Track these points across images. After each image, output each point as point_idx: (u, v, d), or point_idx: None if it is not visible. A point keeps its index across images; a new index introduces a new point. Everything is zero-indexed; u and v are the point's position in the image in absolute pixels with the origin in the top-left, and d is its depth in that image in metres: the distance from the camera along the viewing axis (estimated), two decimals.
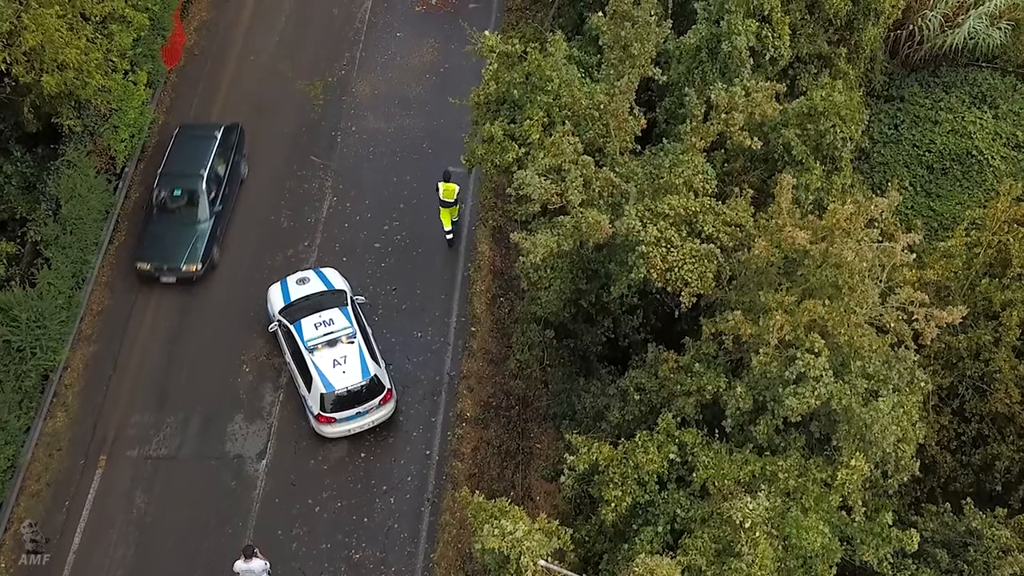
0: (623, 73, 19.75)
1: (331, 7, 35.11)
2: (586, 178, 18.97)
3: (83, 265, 27.67)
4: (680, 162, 19.46)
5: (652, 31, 19.79)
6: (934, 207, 29.19)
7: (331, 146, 31.66)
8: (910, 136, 30.48)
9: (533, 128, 21.90)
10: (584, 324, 22.82)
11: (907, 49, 31.84)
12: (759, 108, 19.90)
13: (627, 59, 19.77)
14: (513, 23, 34.34)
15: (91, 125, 28.84)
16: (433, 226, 29.63)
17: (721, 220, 18.88)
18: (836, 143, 22.22)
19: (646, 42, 19.64)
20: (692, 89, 20.39)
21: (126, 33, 28.67)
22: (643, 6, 19.96)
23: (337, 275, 27.74)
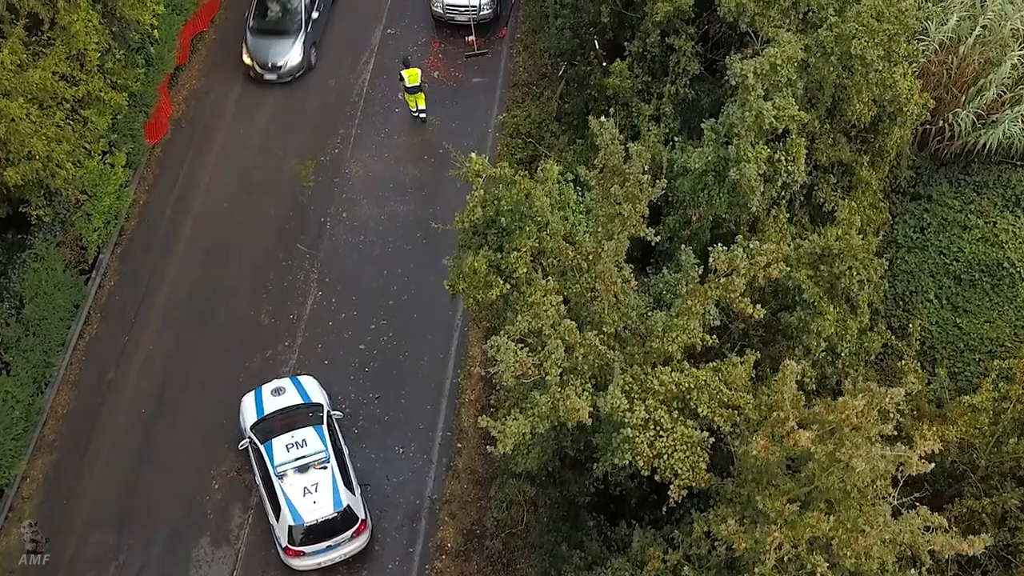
0: (612, 233, 17.84)
1: (327, 78, 33.37)
2: (568, 344, 17.08)
3: (46, 368, 26.07)
4: (674, 326, 17.54)
5: (645, 190, 17.87)
6: (960, 324, 27.04)
7: (319, 233, 29.90)
8: (937, 242, 28.33)
9: (520, 261, 20.04)
10: (571, 471, 20.94)
11: (936, 143, 29.71)
12: (763, 272, 17.93)
13: (617, 218, 17.85)
14: (518, 100, 32.58)
15: (63, 213, 27.27)
16: (423, 327, 27.84)
17: (717, 400, 16.95)
18: (852, 286, 20.23)
19: (638, 203, 17.73)
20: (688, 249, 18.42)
21: (101, 117, 27.08)
22: (634, 163, 18.03)
23: (315, 385, 25.99)
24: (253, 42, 32.91)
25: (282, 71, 32.70)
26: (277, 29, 32.98)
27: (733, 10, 24.07)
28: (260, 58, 32.69)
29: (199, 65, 33.64)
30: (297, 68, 32.85)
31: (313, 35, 33.34)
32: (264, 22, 33.26)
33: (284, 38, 32.83)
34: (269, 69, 32.69)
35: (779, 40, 21.86)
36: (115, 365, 27.37)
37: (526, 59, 33.67)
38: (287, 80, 32.81)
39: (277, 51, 32.73)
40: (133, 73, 28.46)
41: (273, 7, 33.42)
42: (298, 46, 32.78)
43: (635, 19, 27.12)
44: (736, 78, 21.06)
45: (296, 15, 33.09)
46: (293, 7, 33.20)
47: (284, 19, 33.16)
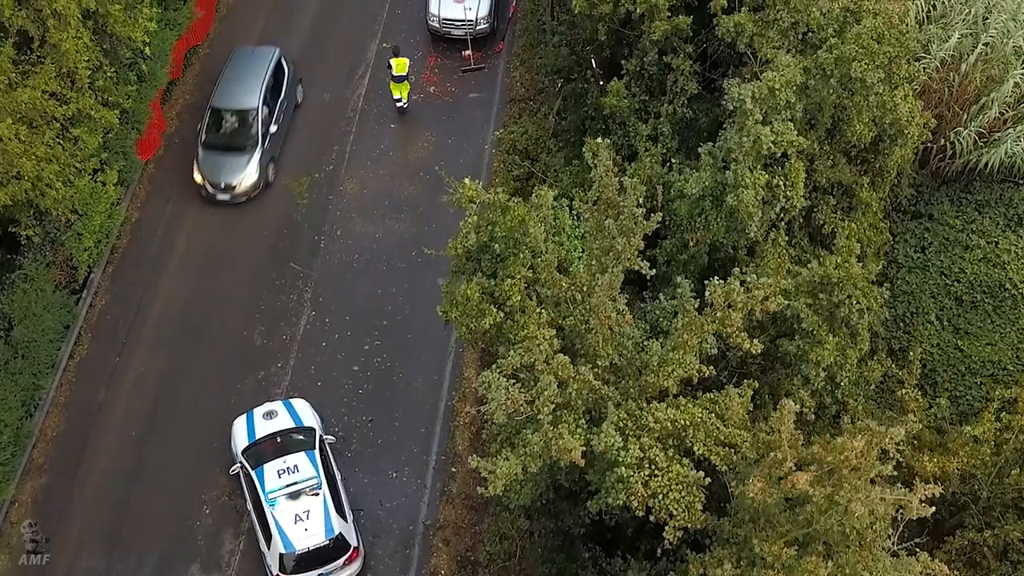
0: (606, 267, 17.48)
1: (322, 92, 33.01)
2: (562, 379, 16.73)
3: (35, 391, 25.71)
4: (670, 360, 17.19)
5: (639, 223, 17.52)
6: (962, 346, 26.67)
7: (313, 252, 29.56)
8: (938, 262, 27.98)
9: (514, 289, 19.67)
10: (566, 501, 20.58)
11: (937, 161, 29.36)
12: (760, 305, 17.58)
13: (611, 251, 17.49)
14: (515, 116, 32.24)
15: (52, 233, 26.94)
16: (417, 348, 27.50)
17: (713, 438, 16.59)
18: (851, 315, 19.86)
19: (632, 236, 17.38)
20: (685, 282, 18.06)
21: (92, 135, 26.71)
22: (629, 195, 17.68)
23: (307, 408, 25.65)
24: (205, 158, 30.15)
25: (236, 192, 29.91)
26: (231, 145, 30.14)
27: (731, 31, 23.79)
28: (212, 177, 29.88)
29: (193, 79, 33.29)
30: (253, 188, 30.03)
31: (271, 151, 30.58)
32: (217, 136, 30.35)
33: (239, 155, 30.03)
34: (222, 189, 29.88)
35: (778, 63, 21.53)
36: (106, 386, 27.03)
37: (523, 74, 33.33)
38: (241, 201, 30.15)
39: (231, 169, 29.91)
40: (125, 90, 28.07)
41: (228, 120, 30.49)
42: (254, 164, 29.94)
43: (632, 37, 26.77)
44: (734, 102, 20.73)
45: (253, 129, 30.22)
46: (250, 120, 30.30)
47: (239, 134, 30.27)
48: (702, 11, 25.61)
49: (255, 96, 30.46)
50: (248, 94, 30.56)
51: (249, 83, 30.72)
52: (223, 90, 30.84)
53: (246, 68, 31.12)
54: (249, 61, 31.35)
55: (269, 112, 30.63)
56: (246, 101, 30.48)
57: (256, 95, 30.46)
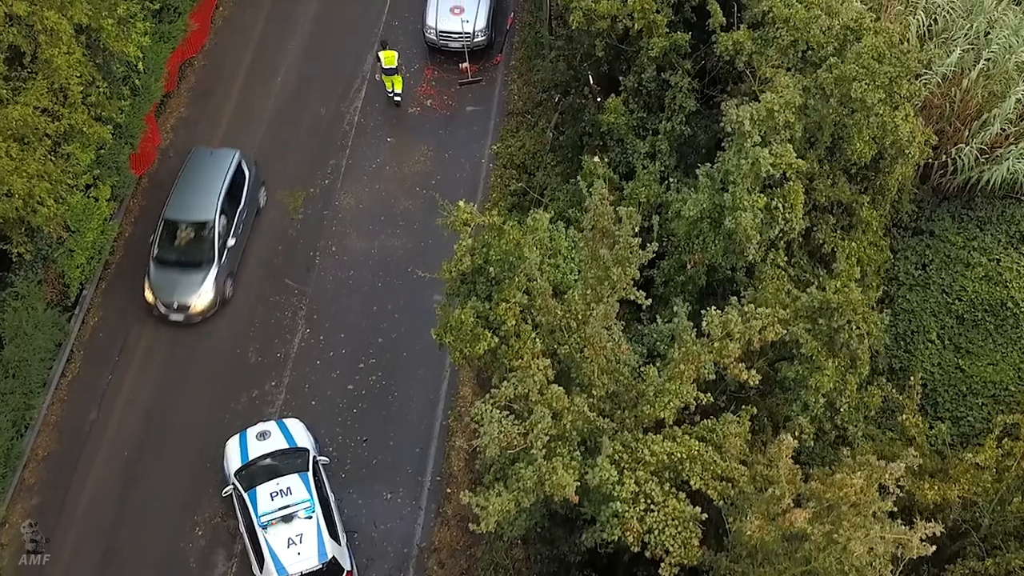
0: (602, 296, 17.20)
1: (318, 106, 32.72)
2: (556, 411, 16.45)
3: (27, 411, 25.44)
4: (666, 391, 16.90)
5: (635, 253, 17.24)
6: (963, 366, 26.36)
7: (308, 268, 29.28)
8: (939, 280, 27.65)
9: (509, 314, 19.42)
10: (561, 528, 20.30)
11: (939, 177, 29.05)
12: (758, 335, 17.29)
13: (606, 281, 17.21)
14: (513, 129, 31.96)
15: (44, 250, 26.66)
16: (412, 366, 27.23)
17: (711, 472, 16.30)
18: (851, 340, 19.57)
19: (628, 266, 17.10)
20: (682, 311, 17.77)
21: (85, 151, 26.43)
22: (625, 225, 17.39)
23: (301, 429, 25.38)
24: (156, 275, 27.80)
25: (190, 312, 27.68)
26: (186, 260, 27.79)
27: (730, 48, 23.50)
28: (164, 296, 27.61)
29: (187, 92, 33.03)
30: (209, 307, 27.81)
31: (229, 265, 28.24)
32: (170, 251, 27.91)
33: (194, 272, 27.68)
34: (175, 309, 27.67)
35: (777, 84, 21.24)
36: (97, 405, 26.77)
37: (521, 87, 33.06)
38: (196, 322, 28.00)
39: (185, 288, 27.60)
40: (118, 105, 27.74)
41: (182, 233, 28.03)
42: (210, 282, 27.62)
43: (630, 53, 26.50)
44: (732, 124, 20.44)
45: (209, 243, 27.83)
46: (206, 233, 27.91)
47: (195, 248, 27.85)
48: (701, 27, 25.36)
49: (212, 207, 28.02)
50: (204, 204, 28.08)
51: (206, 191, 28.29)
52: (177, 199, 28.42)
53: (203, 174, 28.74)
54: (206, 165, 28.96)
55: (228, 223, 28.20)
56: (202, 212, 28.00)
57: (213, 205, 28.02)
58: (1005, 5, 28.82)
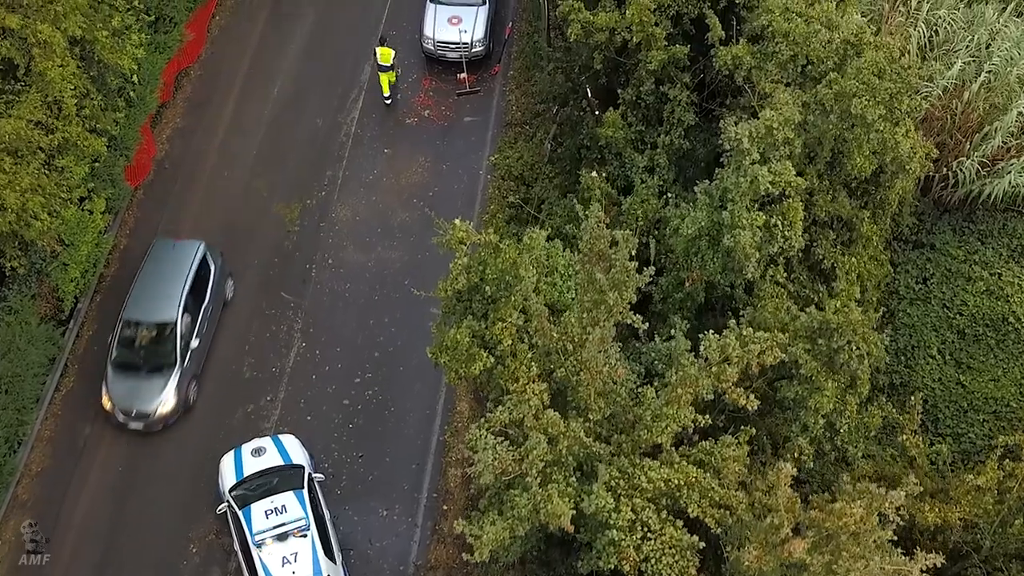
0: (598, 320, 16.99)
1: (315, 116, 32.51)
2: (552, 436, 16.24)
3: (20, 427, 25.22)
4: (664, 416, 16.68)
5: (631, 277, 17.03)
6: (964, 382, 26.15)
7: (304, 281, 29.06)
8: (940, 294, 27.44)
9: (505, 333, 19.22)
10: (558, 549, 20.08)
11: (940, 189, 28.84)
12: (757, 359, 17.08)
13: (602, 304, 17.00)
14: (511, 140, 31.76)
15: (38, 264, 26.45)
16: (409, 380, 27.01)
17: (708, 499, 16.09)
18: (851, 361, 19.36)
19: (624, 290, 16.89)
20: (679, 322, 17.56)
21: (79, 164, 26.22)
22: (621, 248, 17.19)
23: (296, 445, 25.15)
24: (114, 380, 25.84)
25: (151, 420, 25.69)
26: (146, 364, 25.88)
27: (729, 63, 23.30)
28: (123, 403, 25.64)
29: (183, 102, 32.82)
30: (171, 415, 25.88)
31: (193, 368, 26.37)
32: (129, 354, 25.99)
33: (154, 377, 25.78)
34: (134, 417, 25.67)
35: (776, 100, 21.02)
36: (92, 420, 26.51)
37: (519, 97, 32.87)
38: (157, 430, 26.01)
39: (145, 394, 25.66)
40: (113, 117, 27.56)
41: (142, 335, 26.11)
42: (171, 388, 25.70)
43: (629, 65, 26.30)
44: (731, 142, 20.23)
45: (171, 346, 25.92)
46: (167, 335, 26.03)
47: (155, 351, 25.93)
48: (700, 39, 25.17)
49: (174, 306, 26.12)
50: (166, 303, 26.19)
51: (167, 289, 26.40)
52: (137, 297, 26.45)
53: (164, 269, 26.80)
54: (168, 259, 27.07)
55: (191, 322, 26.37)
56: (163, 312, 26.11)
57: (175, 304, 26.12)
58: (1007, 17, 28.64)
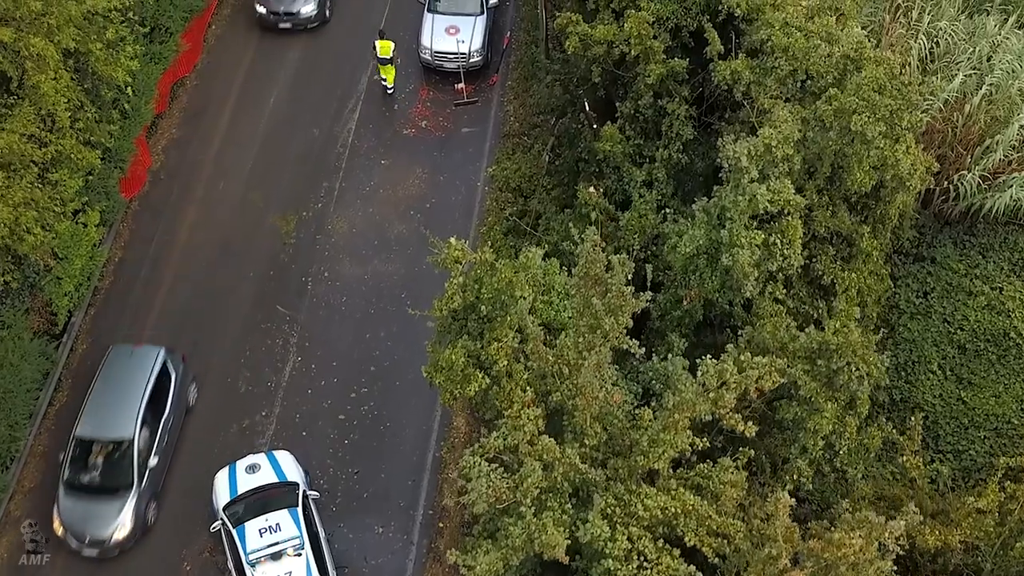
0: (594, 345, 16.77)
1: (311, 127, 32.30)
2: (547, 463, 16.02)
3: (12, 443, 25.02)
4: (660, 441, 16.47)
5: (628, 302, 16.82)
6: (965, 398, 25.91)
7: (300, 294, 28.84)
8: (940, 308, 27.20)
9: (501, 353, 19.00)
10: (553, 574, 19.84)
11: (940, 202, 28.60)
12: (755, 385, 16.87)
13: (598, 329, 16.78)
14: (509, 151, 31.55)
15: (32, 278, 26.25)
16: (405, 395, 26.78)
17: (706, 528, 15.87)
18: (851, 382, 19.14)
19: (621, 315, 16.68)
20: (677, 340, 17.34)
21: (73, 178, 26.03)
22: (617, 273, 16.97)
23: (291, 461, 24.93)
24: (66, 503, 24.05)
25: (107, 546, 23.92)
26: (100, 485, 24.15)
27: (728, 78, 23.08)
28: (76, 527, 23.84)
29: (179, 113, 32.63)
30: (128, 539, 24.02)
31: (152, 488, 24.61)
32: (82, 474, 24.23)
33: (110, 500, 24.00)
34: (87, 544, 23.90)
35: (775, 118, 20.79)
36: None
37: (517, 107, 32.66)
38: (114, 555, 24.15)
39: (100, 519, 23.86)
40: (107, 129, 27.39)
41: (96, 454, 24.35)
42: (129, 511, 23.94)
43: (627, 78, 26.08)
44: (729, 160, 20.01)
45: (127, 465, 24.15)
46: (124, 453, 24.31)
47: (111, 472, 24.16)
48: (699, 52, 24.95)
49: (131, 421, 24.36)
50: (122, 419, 24.41)
51: (124, 402, 24.59)
52: (91, 412, 24.64)
53: (121, 379, 25.08)
54: (125, 368, 25.26)
55: (150, 437, 24.59)
56: (120, 429, 24.33)
57: (133, 420, 24.37)
58: (1008, 29, 28.40)
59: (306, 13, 34.00)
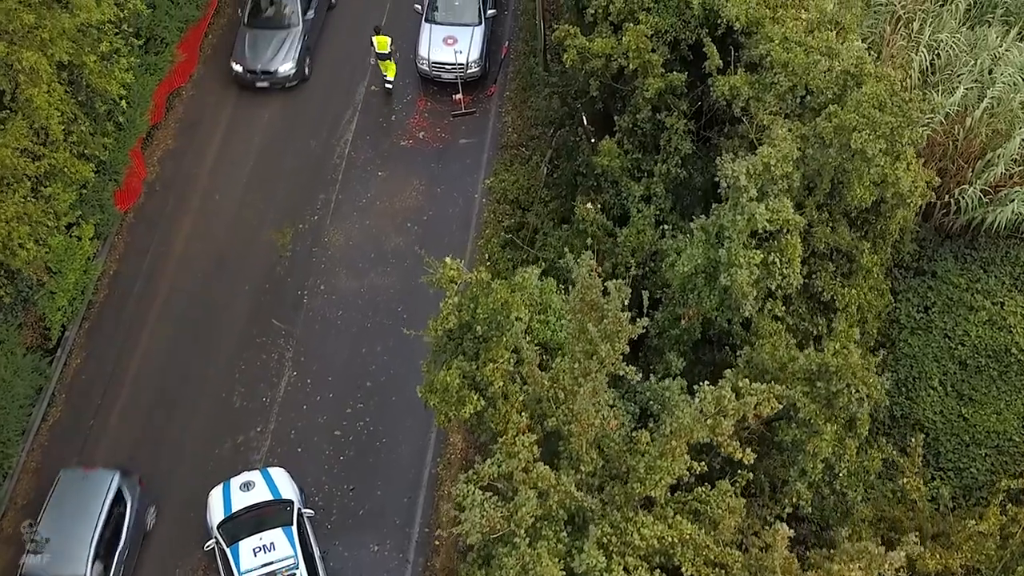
0: (590, 371, 16.55)
1: (308, 138, 32.07)
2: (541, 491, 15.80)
3: (4, 460, 24.81)
4: (657, 468, 16.24)
5: (624, 328, 16.59)
6: (966, 415, 25.66)
7: (296, 308, 28.61)
8: (941, 324, 26.95)
9: (496, 374, 18.78)
10: None
11: (941, 216, 28.36)
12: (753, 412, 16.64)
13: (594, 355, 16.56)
14: (507, 163, 31.31)
15: (25, 292, 26.03)
16: (401, 411, 26.54)
17: (703, 558, 15.65)
18: (851, 404, 18.92)
19: (617, 341, 16.46)
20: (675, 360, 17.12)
21: (67, 192, 25.82)
22: (613, 299, 16.74)
23: (286, 479, 24.71)
24: None
25: None
26: None
27: (726, 93, 22.86)
28: None
29: (175, 123, 32.40)
30: None
31: None
32: None
33: None
34: None
35: (774, 136, 20.56)
36: (79, 451, 26.09)
37: (515, 118, 32.42)
38: None
39: None
40: (102, 141, 27.18)
41: None
42: None
43: (626, 91, 25.86)
44: (728, 179, 19.79)
45: None
46: None
47: None
48: (698, 65, 24.73)
49: (82, 557, 22.48)
50: (73, 554, 22.54)
51: (74, 535, 22.76)
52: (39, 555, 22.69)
53: (71, 508, 23.18)
54: (76, 495, 23.42)
55: (104, 571, 22.88)
56: (69, 565, 22.45)
57: (84, 555, 22.51)
58: (1010, 41, 28.16)
59: (284, 72, 32.31)
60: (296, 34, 32.63)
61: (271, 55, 32.34)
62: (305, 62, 32.89)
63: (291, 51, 32.45)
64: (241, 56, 32.49)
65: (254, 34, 32.67)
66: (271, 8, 33.10)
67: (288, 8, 32.97)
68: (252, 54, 32.41)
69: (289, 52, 32.43)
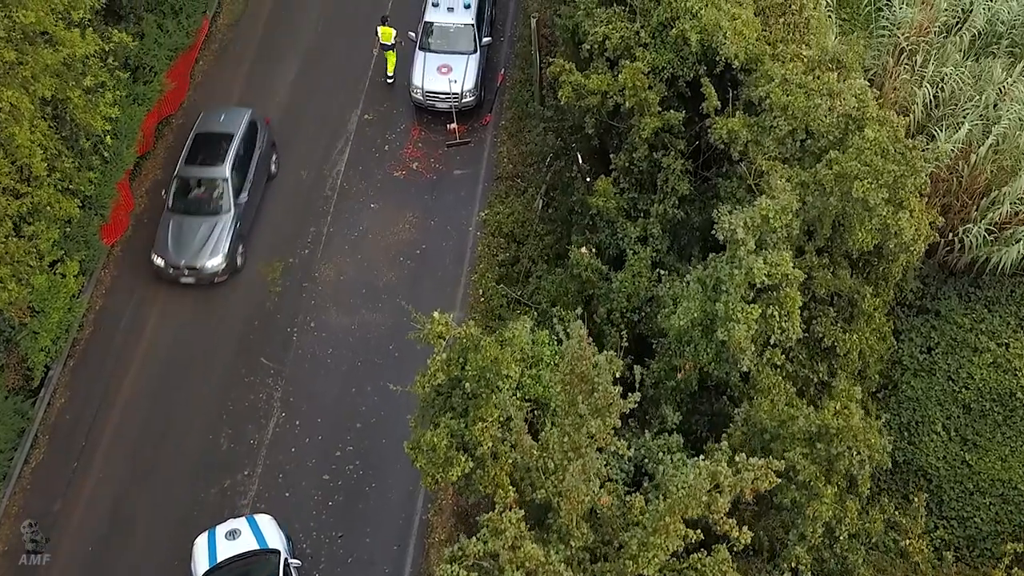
0: (579, 445, 15.96)
1: (299, 168, 31.48)
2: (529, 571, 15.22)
3: None
4: (651, 545, 15.64)
5: (616, 403, 16.01)
6: (970, 461, 25.04)
7: (285, 346, 28.02)
8: (945, 366, 26.31)
9: (485, 435, 18.19)
10: None
11: (945, 253, 27.75)
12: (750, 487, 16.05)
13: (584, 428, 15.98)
14: (502, 195, 30.75)
15: (6, 333, 25.45)
16: (391, 454, 25.90)
17: None
18: (852, 467, 18.32)
19: (607, 416, 15.87)
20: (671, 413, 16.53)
21: (50, 229, 25.26)
22: (604, 371, 16.15)
23: (272, 527, 24.09)
24: None
25: None
26: None
27: (724, 137, 22.27)
28: None
29: (164, 152, 31.79)
30: None
31: None
32: None
33: None
34: None
35: (773, 185, 19.96)
36: (62, 495, 25.50)
37: (511, 148, 31.84)
38: None
39: None
40: (87, 176, 26.58)
41: None
42: None
43: (622, 129, 25.26)
44: (725, 232, 19.18)
45: None
46: None
47: None
48: (696, 102, 24.13)
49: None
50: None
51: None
52: None
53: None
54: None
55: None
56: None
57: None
58: (1016, 75, 27.57)
59: (211, 268, 28.32)
60: (227, 221, 28.86)
61: (197, 247, 28.51)
62: (237, 252, 28.99)
63: (220, 243, 28.56)
64: (163, 248, 28.50)
65: (179, 221, 28.74)
66: (199, 189, 29.29)
67: (217, 192, 29.01)
68: (175, 246, 28.44)
69: (218, 244, 28.53)
